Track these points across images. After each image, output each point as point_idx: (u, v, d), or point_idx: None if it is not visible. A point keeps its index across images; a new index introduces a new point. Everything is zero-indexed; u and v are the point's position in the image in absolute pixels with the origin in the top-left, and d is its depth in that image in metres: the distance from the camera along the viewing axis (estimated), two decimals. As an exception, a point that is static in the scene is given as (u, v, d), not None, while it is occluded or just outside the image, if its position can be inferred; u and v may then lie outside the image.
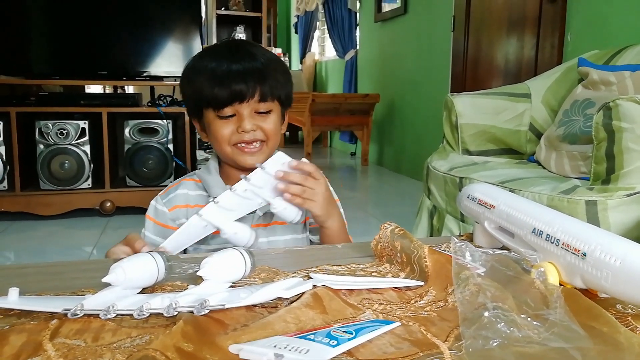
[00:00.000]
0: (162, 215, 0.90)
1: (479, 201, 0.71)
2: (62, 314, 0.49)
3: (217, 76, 0.84)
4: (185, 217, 0.88)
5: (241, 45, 0.91)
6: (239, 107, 0.84)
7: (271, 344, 0.43)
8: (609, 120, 1.22)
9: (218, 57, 0.86)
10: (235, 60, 0.85)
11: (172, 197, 0.91)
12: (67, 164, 2.68)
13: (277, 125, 0.89)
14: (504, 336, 0.43)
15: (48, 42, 2.86)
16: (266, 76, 0.85)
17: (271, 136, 0.88)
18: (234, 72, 0.83)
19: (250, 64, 0.85)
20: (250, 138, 0.86)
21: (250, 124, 0.85)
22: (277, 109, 0.89)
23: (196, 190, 0.92)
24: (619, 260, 0.48)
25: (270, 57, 0.89)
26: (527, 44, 2.68)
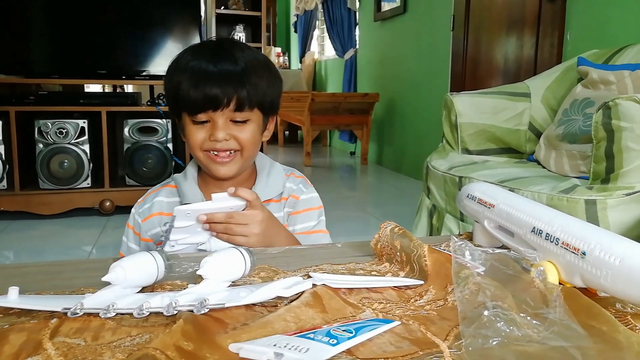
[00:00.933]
0: (137, 226, 0.89)
1: (479, 200, 0.71)
2: (62, 313, 0.49)
3: (193, 78, 0.79)
4: (158, 225, 0.86)
5: (226, 45, 0.85)
6: (213, 114, 0.80)
7: (271, 342, 0.43)
8: (608, 119, 1.22)
9: (199, 56, 0.82)
10: (214, 61, 0.80)
11: (147, 207, 0.89)
12: (66, 163, 2.68)
13: (255, 135, 0.84)
14: (503, 335, 0.43)
15: (47, 41, 2.86)
16: (245, 83, 0.79)
17: (246, 146, 0.83)
18: (210, 76, 0.79)
19: (230, 68, 0.80)
20: (223, 147, 0.81)
21: (224, 133, 0.80)
22: (256, 117, 0.84)
23: (171, 197, 0.89)
24: (619, 260, 0.48)
25: (255, 60, 0.83)
26: (526, 43, 2.68)
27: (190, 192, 0.87)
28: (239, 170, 0.85)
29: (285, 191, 0.92)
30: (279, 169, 0.93)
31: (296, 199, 0.92)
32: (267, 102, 0.84)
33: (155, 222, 0.87)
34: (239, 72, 0.80)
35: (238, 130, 0.82)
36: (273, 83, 0.85)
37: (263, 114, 0.85)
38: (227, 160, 0.83)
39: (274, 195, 0.90)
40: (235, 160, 0.84)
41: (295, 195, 0.92)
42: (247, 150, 0.84)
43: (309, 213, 0.92)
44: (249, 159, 0.86)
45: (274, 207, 0.89)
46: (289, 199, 0.92)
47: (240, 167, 0.85)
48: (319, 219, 0.94)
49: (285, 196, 0.92)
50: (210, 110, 0.79)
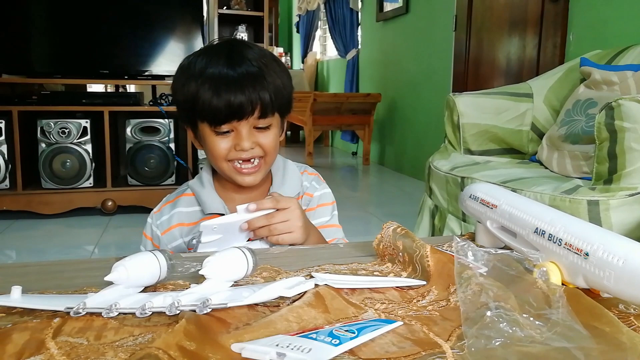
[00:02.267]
0: (156, 238, 0.87)
1: (481, 201, 0.71)
2: (64, 313, 0.49)
3: (214, 85, 0.76)
4: (180, 237, 0.85)
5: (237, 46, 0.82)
6: (237, 124, 0.78)
7: (273, 342, 0.43)
8: (611, 120, 1.22)
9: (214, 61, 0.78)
10: (231, 65, 0.77)
11: (166, 219, 0.86)
12: (68, 162, 2.69)
13: (277, 139, 0.83)
14: (506, 336, 0.43)
15: (50, 41, 2.86)
16: (265, 85, 0.77)
17: (270, 152, 0.82)
18: (231, 82, 0.75)
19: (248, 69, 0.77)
20: (249, 156, 0.80)
21: (249, 142, 0.78)
22: (276, 121, 0.82)
23: (191, 206, 0.87)
24: (622, 260, 0.48)
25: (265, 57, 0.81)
26: (529, 43, 2.68)
27: (210, 200, 0.85)
28: (262, 175, 0.84)
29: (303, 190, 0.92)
30: (293, 168, 0.92)
31: (310, 197, 0.92)
32: (285, 102, 0.82)
33: (176, 234, 0.85)
34: (258, 73, 0.77)
35: (261, 137, 0.80)
36: (286, 78, 0.83)
37: (281, 116, 0.84)
38: (253, 171, 0.82)
39: (292, 194, 0.88)
40: (260, 168, 0.83)
41: (309, 192, 0.92)
42: (270, 155, 0.83)
43: (323, 209, 0.92)
44: (271, 163, 0.85)
45: None
46: (304, 197, 0.92)
47: (264, 172, 0.84)
48: (332, 213, 0.94)
49: (301, 194, 0.91)
50: (235, 121, 0.77)
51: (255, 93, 0.76)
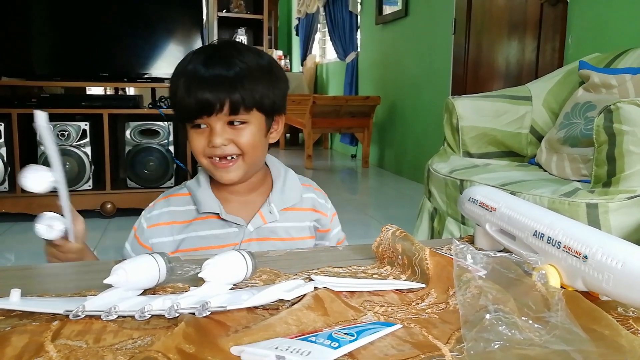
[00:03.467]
0: (140, 231, 0.87)
1: (480, 204, 0.71)
2: (63, 315, 0.49)
3: (186, 83, 0.78)
4: (170, 234, 0.85)
5: (224, 49, 0.83)
6: (208, 119, 0.79)
7: (273, 345, 0.43)
8: (610, 123, 1.22)
9: (195, 60, 0.80)
10: (208, 65, 0.78)
11: (156, 215, 0.87)
12: (67, 165, 2.68)
13: (256, 137, 0.81)
14: (505, 339, 0.43)
15: (49, 44, 2.87)
16: (238, 86, 0.77)
17: (247, 150, 0.81)
18: (202, 80, 0.77)
19: (223, 72, 0.78)
20: (221, 153, 0.80)
21: (221, 138, 0.78)
22: (256, 119, 0.81)
23: (185, 205, 0.87)
24: (621, 263, 0.48)
25: (253, 63, 0.81)
26: (528, 46, 2.68)
27: (205, 199, 0.85)
28: (244, 175, 0.83)
29: (308, 202, 0.92)
30: (294, 178, 0.92)
31: (325, 216, 0.94)
32: (267, 103, 0.81)
33: (165, 231, 0.85)
34: (232, 76, 0.78)
35: (236, 134, 0.80)
36: (274, 85, 0.83)
37: (265, 115, 0.82)
38: (230, 166, 0.81)
39: (290, 203, 0.89)
40: (238, 165, 0.82)
41: (323, 212, 0.94)
42: (249, 154, 0.82)
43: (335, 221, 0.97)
44: (252, 163, 0.84)
45: (296, 215, 0.90)
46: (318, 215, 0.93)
47: (245, 172, 0.83)
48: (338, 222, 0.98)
49: (310, 207, 0.92)
50: (205, 116, 0.78)
51: (224, 92, 0.77)
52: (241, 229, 0.85)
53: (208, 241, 0.84)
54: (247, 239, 0.85)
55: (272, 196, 0.87)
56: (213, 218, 0.85)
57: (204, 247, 0.84)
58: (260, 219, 0.86)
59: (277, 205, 0.87)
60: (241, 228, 0.85)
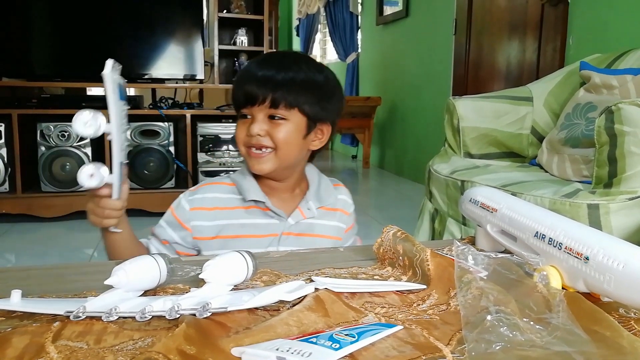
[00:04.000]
0: (181, 211, 0.90)
1: (482, 204, 0.71)
2: (64, 317, 0.49)
3: (241, 79, 0.87)
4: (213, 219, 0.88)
5: (285, 56, 0.93)
6: (252, 109, 0.85)
7: (273, 346, 0.43)
8: (611, 123, 1.22)
9: (254, 63, 0.88)
10: (262, 66, 0.86)
11: (199, 199, 0.90)
12: (68, 166, 2.68)
13: (291, 135, 0.85)
14: (506, 340, 0.43)
15: (50, 44, 2.87)
16: (283, 85, 0.83)
17: (281, 145, 0.84)
18: (253, 77, 0.84)
19: (273, 73, 0.84)
20: (256, 142, 0.84)
21: (259, 127, 0.84)
22: (296, 119, 0.85)
23: (228, 193, 0.91)
24: (622, 264, 0.48)
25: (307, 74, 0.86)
26: (529, 47, 2.68)
27: (252, 188, 0.89)
28: (275, 169, 0.87)
29: (339, 203, 0.98)
30: (328, 182, 0.98)
31: (347, 215, 0.99)
32: (309, 110, 0.86)
33: (208, 215, 0.89)
34: (279, 78, 0.84)
35: (274, 128, 0.84)
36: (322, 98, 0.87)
37: (307, 118, 0.86)
38: (263, 157, 0.85)
39: (326, 203, 0.95)
40: (270, 158, 0.85)
41: (346, 210, 0.99)
42: (281, 149, 0.85)
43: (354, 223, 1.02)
44: (285, 159, 0.86)
45: (327, 214, 0.95)
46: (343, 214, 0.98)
47: (277, 167, 0.86)
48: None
49: (340, 207, 0.98)
50: (249, 106, 0.84)
51: (269, 86, 0.83)
52: (282, 221, 0.90)
53: (249, 230, 0.88)
54: (287, 232, 0.89)
55: (309, 195, 0.93)
56: (256, 209, 0.89)
57: (244, 235, 0.88)
58: (299, 214, 0.91)
59: (314, 202, 0.93)
60: (282, 220, 0.90)
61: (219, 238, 0.87)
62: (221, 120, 2.95)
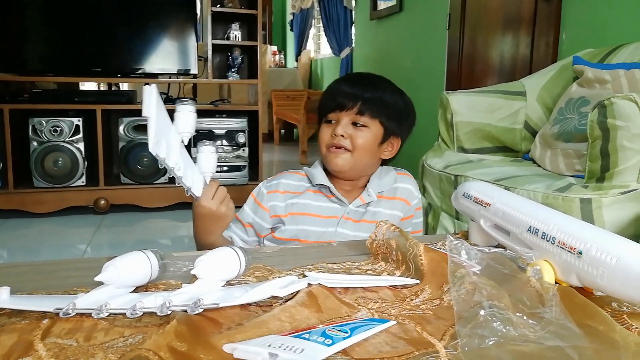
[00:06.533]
0: (260, 195, 1.01)
1: (475, 199, 0.71)
2: (53, 314, 0.49)
3: (332, 92, 0.99)
4: (283, 200, 0.99)
5: (374, 77, 1.03)
6: (339, 114, 0.96)
7: (266, 343, 0.42)
8: (603, 118, 1.22)
9: (345, 81, 1.01)
10: (354, 84, 0.97)
11: (275, 184, 1.02)
12: (60, 161, 2.66)
13: (369, 142, 0.96)
14: (499, 335, 0.43)
15: (42, 39, 2.83)
16: (370, 99, 0.95)
17: (358, 149, 0.95)
18: (345, 92, 0.96)
19: (363, 89, 0.96)
20: (338, 142, 0.95)
21: (342, 129, 0.95)
22: (376, 128, 0.97)
23: (299, 181, 1.03)
24: (615, 259, 0.48)
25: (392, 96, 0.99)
26: (522, 42, 2.68)
27: (319, 175, 1.00)
28: (350, 168, 0.97)
29: (403, 192, 1.04)
30: (388, 168, 1.07)
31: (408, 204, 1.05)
32: (389, 123, 0.97)
33: (280, 197, 1.00)
34: (369, 94, 0.95)
35: (355, 133, 0.95)
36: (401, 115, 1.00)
37: (384, 129, 0.97)
38: (339, 153, 0.96)
39: (385, 188, 1.02)
40: (347, 157, 0.96)
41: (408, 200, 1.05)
42: (358, 152, 0.96)
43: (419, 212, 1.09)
44: (359, 162, 0.97)
45: (391, 204, 1.03)
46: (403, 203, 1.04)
47: (351, 167, 0.97)
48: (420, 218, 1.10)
49: (399, 196, 1.04)
50: (337, 110, 0.96)
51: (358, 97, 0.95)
52: (343, 206, 1.00)
53: (313, 209, 0.99)
54: (347, 217, 0.99)
55: (370, 184, 1.02)
56: (321, 194, 1.00)
57: (309, 214, 0.98)
58: (359, 200, 1.00)
59: (374, 189, 1.01)
60: (343, 206, 1.00)
61: (290, 215, 0.98)
62: (215, 115, 2.93)
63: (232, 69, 3.11)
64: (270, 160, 4.75)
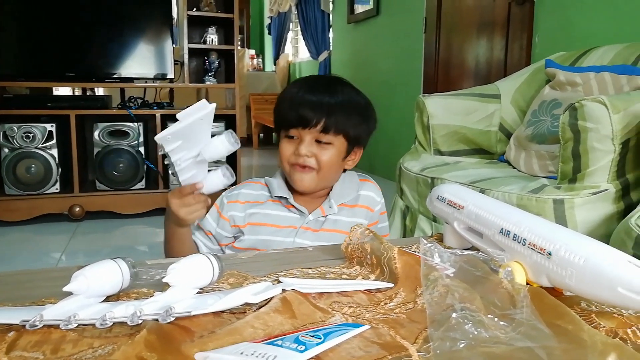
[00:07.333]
0: (221, 205, 1.00)
1: (449, 202, 0.72)
2: (20, 326, 0.47)
3: (293, 102, 0.93)
4: (243, 210, 0.98)
5: (332, 81, 0.99)
6: (302, 131, 0.92)
7: (238, 350, 0.42)
8: (574, 120, 1.25)
9: (304, 87, 0.95)
10: (315, 92, 0.93)
11: (235, 194, 1.00)
12: (33, 168, 2.61)
13: (334, 159, 0.94)
14: (471, 337, 0.44)
15: (14, 43, 2.77)
16: (336, 111, 0.91)
17: (323, 167, 0.93)
18: (307, 102, 0.91)
19: (326, 99, 0.91)
20: (302, 162, 0.92)
21: (307, 149, 0.91)
22: (340, 144, 0.94)
23: (259, 190, 1.01)
24: (582, 259, 0.49)
25: (353, 98, 0.96)
26: (496, 45, 2.72)
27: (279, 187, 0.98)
28: (315, 186, 0.95)
29: (364, 199, 1.02)
30: (352, 175, 1.05)
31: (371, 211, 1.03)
32: (353, 134, 0.95)
33: (239, 207, 0.98)
34: (333, 102, 0.91)
35: (320, 151, 0.92)
36: (364, 121, 0.97)
37: (347, 142, 0.95)
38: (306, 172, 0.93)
39: (348, 198, 1.00)
40: (312, 177, 0.94)
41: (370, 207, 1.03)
42: (324, 170, 0.93)
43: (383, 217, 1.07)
44: (324, 179, 0.95)
45: (353, 212, 1.00)
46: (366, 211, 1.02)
47: (316, 184, 0.95)
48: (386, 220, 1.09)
49: (361, 204, 1.02)
50: (300, 128, 0.91)
51: (324, 112, 0.90)
52: (302, 216, 0.97)
53: (272, 219, 0.97)
54: (305, 227, 0.97)
55: (332, 193, 1.00)
56: (280, 204, 0.99)
57: (267, 224, 0.97)
58: (320, 211, 0.98)
59: (336, 200, 0.99)
60: (303, 215, 0.97)
61: (249, 225, 0.97)
62: (192, 120, 2.91)
63: (209, 73, 3.09)
64: (249, 165, 4.73)
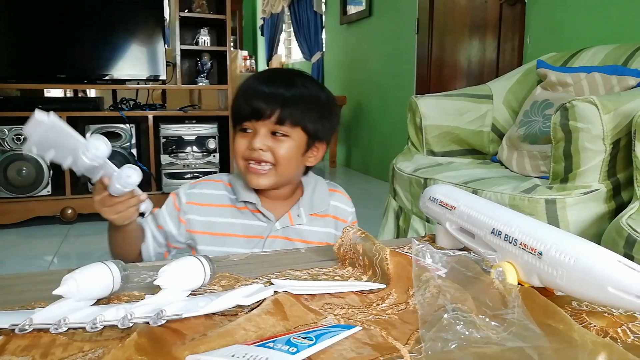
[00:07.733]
0: (179, 202, 0.93)
1: (440, 202, 0.72)
2: (9, 330, 0.47)
3: (246, 93, 0.87)
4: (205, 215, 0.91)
5: (291, 74, 0.93)
6: (256, 124, 0.85)
7: (229, 353, 0.42)
8: (566, 120, 1.25)
9: (260, 79, 0.89)
10: (271, 83, 0.87)
11: (196, 193, 0.93)
12: (24, 170, 2.59)
13: (292, 152, 0.87)
14: (462, 338, 0.44)
15: (5, 44, 2.75)
16: (291, 103, 0.85)
17: (281, 161, 0.86)
18: (261, 93, 0.85)
19: (282, 90, 0.85)
20: (257, 157, 0.86)
21: (261, 142, 0.85)
22: (298, 137, 0.87)
23: (223, 190, 0.94)
24: (573, 259, 0.49)
25: (312, 92, 0.89)
26: (488, 46, 2.74)
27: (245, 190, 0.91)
28: (273, 184, 0.89)
29: (333, 210, 0.98)
30: (323, 184, 0.99)
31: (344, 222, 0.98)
32: (311, 128, 0.88)
33: (201, 211, 0.92)
34: (288, 95, 0.85)
35: (276, 144, 0.86)
36: (324, 116, 0.90)
37: (307, 136, 0.88)
38: (262, 173, 0.87)
39: (318, 210, 0.95)
40: (269, 174, 0.87)
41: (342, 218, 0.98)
42: (282, 165, 0.87)
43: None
44: (283, 175, 0.89)
45: (322, 221, 0.96)
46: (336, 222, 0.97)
47: (275, 182, 0.88)
48: None
49: (332, 214, 0.97)
50: (253, 120, 0.85)
51: (277, 102, 0.84)
52: (269, 224, 0.91)
53: (236, 229, 0.91)
54: (273, 235, 0.91)
55: (301, 201, 0.94)
56: (246, 210, 0.92)
57: (231, 234, 0.90)
58: (288, 219, 0.92)
59: (305, 210, 0.94)
60: (270, 224, 0.91)
61: (208, 234, 0.90)
62: (184, 122, 2.90)
63: (201, 75, 3.09)
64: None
